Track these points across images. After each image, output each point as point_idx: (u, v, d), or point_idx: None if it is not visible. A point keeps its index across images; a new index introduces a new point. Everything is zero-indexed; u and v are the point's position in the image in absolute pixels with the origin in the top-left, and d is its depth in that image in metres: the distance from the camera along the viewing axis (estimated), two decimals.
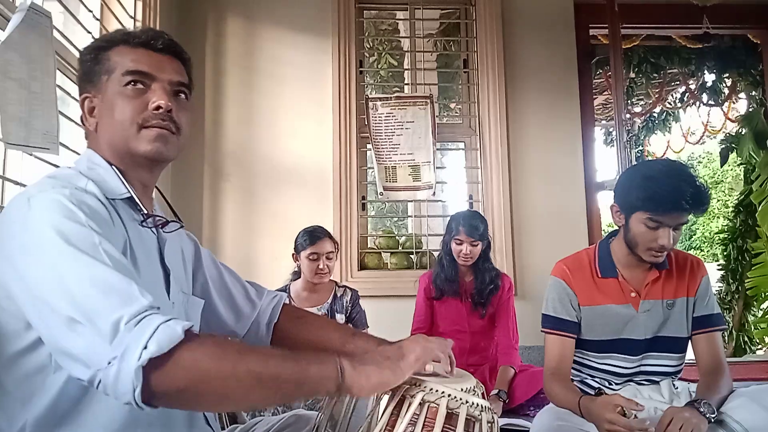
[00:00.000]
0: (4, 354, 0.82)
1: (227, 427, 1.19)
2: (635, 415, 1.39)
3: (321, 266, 2.23)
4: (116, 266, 0.75)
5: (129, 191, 0.92)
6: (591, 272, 1.56)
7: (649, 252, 1.43)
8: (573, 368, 1.58)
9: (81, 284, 0.72)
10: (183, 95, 0.98)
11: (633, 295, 1.52)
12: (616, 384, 1.55)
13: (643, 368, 1.53)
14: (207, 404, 0.81)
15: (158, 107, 0.92)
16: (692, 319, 1.53)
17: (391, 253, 3.01)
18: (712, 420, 1.26)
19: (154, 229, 0.97)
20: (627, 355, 1.52)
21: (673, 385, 1.55)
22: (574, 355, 1.56)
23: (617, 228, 1.56)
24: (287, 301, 1.20)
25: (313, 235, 2.26)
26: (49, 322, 0.73)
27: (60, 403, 0.80)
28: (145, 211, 0.94)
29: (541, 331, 1.58)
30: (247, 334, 1.14)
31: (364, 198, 3.00)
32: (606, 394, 1.47)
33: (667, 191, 1.35)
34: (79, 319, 0.70)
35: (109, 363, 0.68)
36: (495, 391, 2.17)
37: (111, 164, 0.93)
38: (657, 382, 1.54)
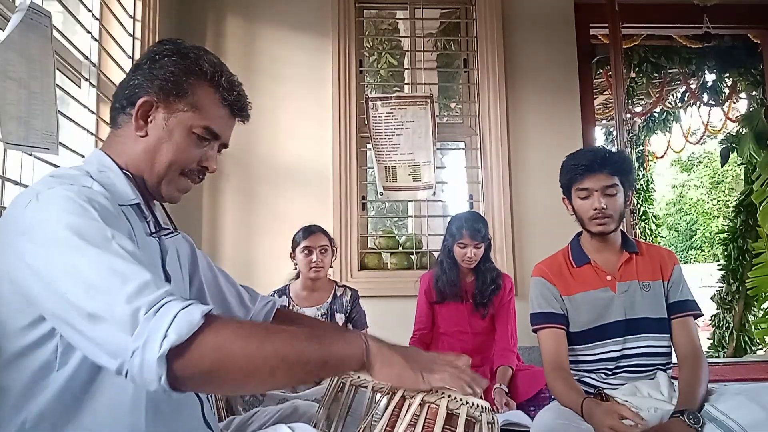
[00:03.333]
0: (6, 352, 0.82)
1: (225, 418, 1.19)
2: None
3: (314, 259, 2.24)
4: (132, 256, 0.75)
5: (138, 198, 0.92)
6: (566, 265, 1.65)
7: (592, 222, 1.57)
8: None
9: (97, 277, 0.72)
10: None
11: (609, 278, 1.60)
12: (612, 376, 1.56)
13: (627, 351, 1.55)
14: (233, 385, 0.80)
15: (208, 168, 0.98)
16: (668, 305, 1.58)
17: (391, 253, 3.00)
18: (699, 429, 1.28)
19: (156, 236, 0.97)
20: (611, 339, 1.56)
21: (672, 382, 1.55)
22: None
23: None
24: (286, 303, 1.21)
25: (307, 230, 2.30)
26: (71, 317, 0.73)
27: (62, 401, 0.80)
28: (151, 219, 0.94)
29: (533, 330, 1.63)
30: None
31: (364, 198, 3.00)
32: (606, 394, 1.48)
33: (581, 158, 1.59)
34: (100, 313, 0.70)
35: (133, 354, 0.68)
36: (497, 386, 2.16)
37: (122, 169, 0.92)
38: (648, 367, 1.55)
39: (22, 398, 0.81)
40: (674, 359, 1.59)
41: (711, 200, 15.68)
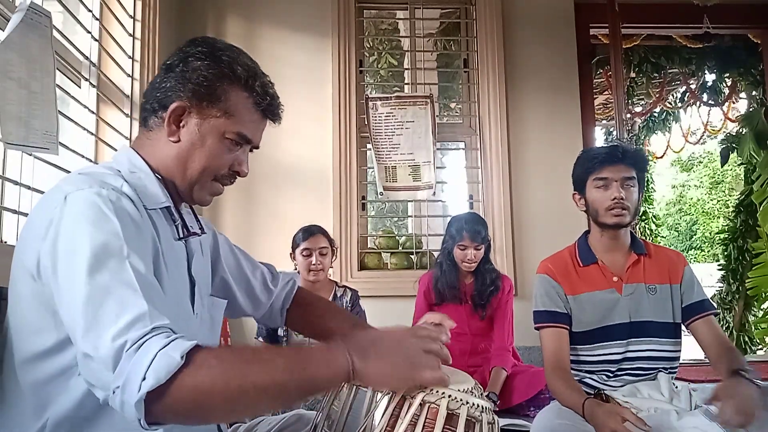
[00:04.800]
0: (27, 353, 0.81)
1: (229, 427, 1.19)
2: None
3: (314, 261, 2.24)
4: (139, 281, 0.75)
5: (168, 201, 0.92)
6: (573, 264, 1.63)
7: (608, 213, 1.54)
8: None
9: (97, 310, 0.72)
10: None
11: (615, 279, 1.58)
12: (613, 378, 1.56)
13: (630, 354, 1.54)
14: (214, 420, 0.84)
15: (239, 173, 0.98)
16: (684, 308, 1.57)
17: (391, 253, 3.00)
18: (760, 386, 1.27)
19: (184, 241, 0.97)
20: (614, 341, 1.55)
21: (673, 383, 1.55)
22: None
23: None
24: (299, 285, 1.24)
25: (307, 231, 2.30)
26: (71, 336, 0.75)
27: (83, 407, 0.80)
28: (179, 221, 0.94)
29: (535, 328, 1.61)
30: (262, 318, 1.21)
31: (364, 198, 3.00)
32: (606, 394, 1.47)
33: (601, 149, 1.57)
34: (90, 352, 0.71)
35: (114, 392, 0.69)
36: (487, 393, 2.16)
37: (153, 170, 0.92)
38: (650, 371, 1.54)
39: (43, 402, 0.80)
40: (679, 363, 1.58)
41: (711, 200, 15.68)
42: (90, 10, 2.03)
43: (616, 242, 1.60)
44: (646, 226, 5.79)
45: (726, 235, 4.68)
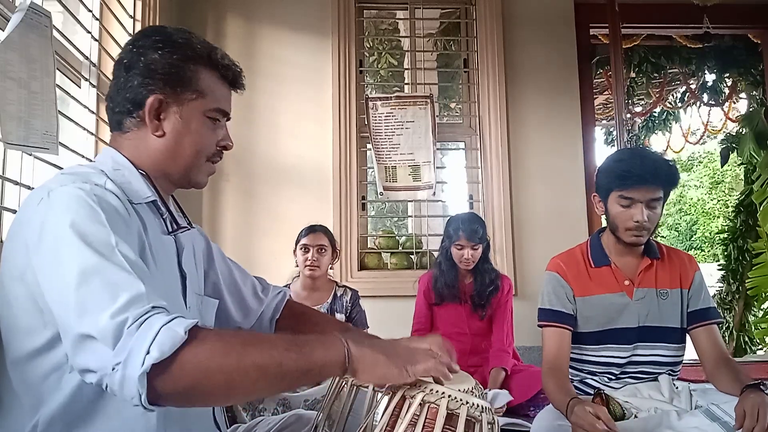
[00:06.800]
0: (19, 352, 0.81)
1: (228, 427, 1.19)
2: (635, 415, 1.39)
3: (311, 257, 2.25)
4: (131, 267, 0.75)
5: (154, 195, 0.92)
6: (584, 264, 1.60)
7: (628, 232, 1.49)
8: (571, 367, 1.58)
9: (92, 293, 0.71)
10: None
11: (627, 283, 1.55)
12: (615, 380, 1.55)
13: (635, 358, 1.53)
14: (213, 400, 0.82)
15: (226, 147, 0.99)
16: (689, 314, 1.55)
17: (391, 253, 3.01)
18: None
19: (173, 234, 0.96)
20: (621, 344, 1.53)
21: (674, 383, 1.54)
22: (571, 352, 1.56)
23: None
24: (290, 297, 1.23)
25: (310, 228, 2.32)
26: (62, 324, 0.74)
27: (74, 404, 0.80)
28: (167, 215, 0.94)
29: (538, 325, 1.59)
30: (251, 328, 1.18)
31: (364, 198, 3.00)
32: (605, 394, 1.47)
33: (633, 166, 1.45)
34: (88, 332, 0.70)
35: (114, 369, 0.68)
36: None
37: (135, 167, 0.92)
38: (654, 375, 1.54)
39: (36, 401, 0.80)
40: (681, 366, 1.57)
41: (711, 200, 15.67)
42: (90, 10, 2.03)
43: (631, 248, 1.56)
44: None
45: (726, 235, 4.68)
